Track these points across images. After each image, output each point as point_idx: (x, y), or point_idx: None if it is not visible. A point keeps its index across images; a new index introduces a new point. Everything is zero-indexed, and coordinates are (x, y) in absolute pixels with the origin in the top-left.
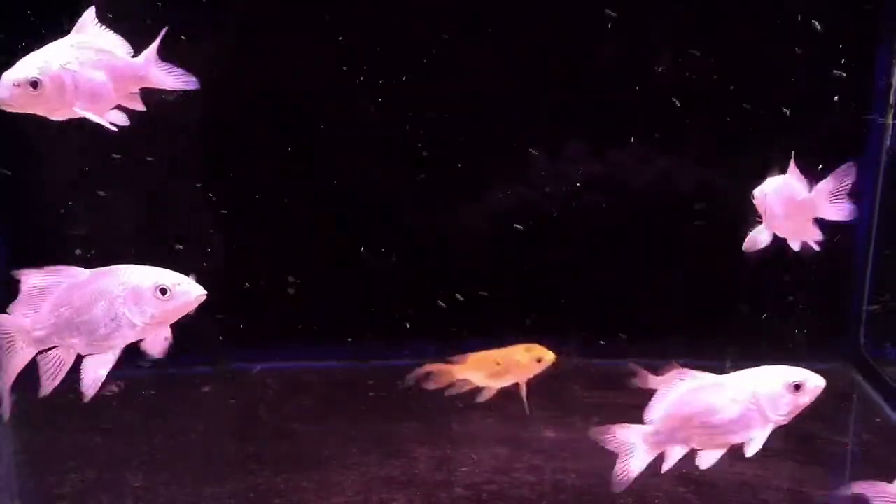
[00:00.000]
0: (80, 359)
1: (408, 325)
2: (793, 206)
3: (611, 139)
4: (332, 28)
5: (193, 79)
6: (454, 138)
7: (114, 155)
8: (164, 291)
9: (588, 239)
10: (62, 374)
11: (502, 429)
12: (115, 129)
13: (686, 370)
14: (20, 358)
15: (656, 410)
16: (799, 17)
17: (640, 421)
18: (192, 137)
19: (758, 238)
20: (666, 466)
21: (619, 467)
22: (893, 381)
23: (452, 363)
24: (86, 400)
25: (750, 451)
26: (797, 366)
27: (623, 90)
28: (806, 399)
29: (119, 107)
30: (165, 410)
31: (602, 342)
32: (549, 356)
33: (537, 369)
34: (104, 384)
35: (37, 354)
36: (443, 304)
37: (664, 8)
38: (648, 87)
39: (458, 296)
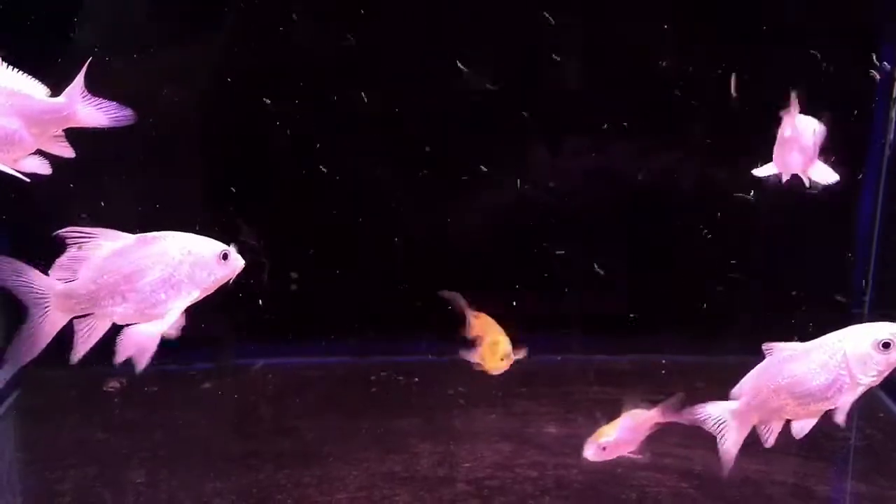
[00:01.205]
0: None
1: (409, 321)
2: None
3: (611, 135)
4: (332, 26)
5: (128, 111)
6: (454, 135)
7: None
8: (225, 257)
9: (589, 234)
10: (93, 343)
11: (504, 424)
12: (27, 180)
13: (772, 344)
14: (53, 324)
15: (745, 384)
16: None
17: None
18: (189, 133)
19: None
20: (770, 442)
21: (721, 447)
22: None
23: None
24: (138, 371)
25: (839, 418)
26: None
27: (614, 85)
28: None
29: (40, 152)
30: (167, 406)
31: (604, 338)
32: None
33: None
34: (106, 381)
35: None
36: (444, 302)
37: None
38: (645, 83)
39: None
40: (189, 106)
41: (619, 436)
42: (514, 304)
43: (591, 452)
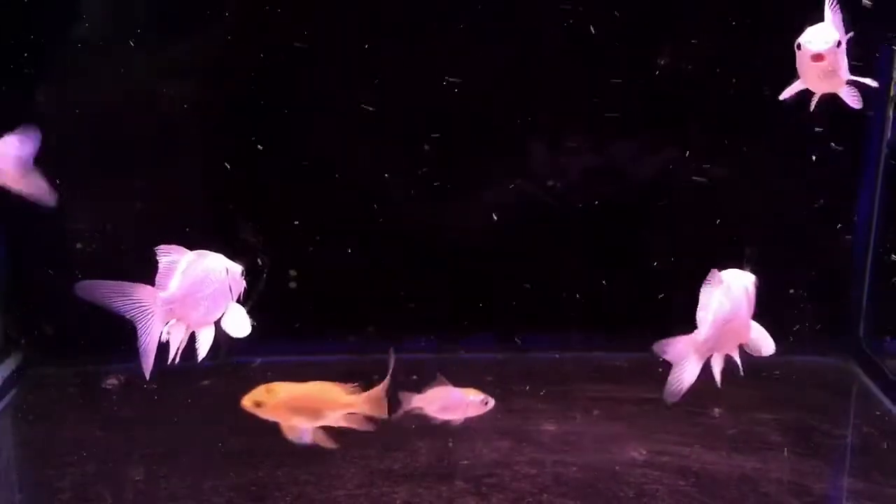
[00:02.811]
0: None
1: (409, 319)
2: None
3: (611, 133)
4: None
5: None
6: (453, 132)
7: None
8: (244, 274)
9: (585, 233)
10: (176, 345)
11: (503, 422)
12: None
13: (715, 273)
14: (157, 327)
15: (704, 318)
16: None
17: (639, 415)
18: (189, 134)
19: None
20: (718, 378)
21: (673, 378)
22: (893, 373)
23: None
24: (199, 360)
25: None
26: (799, 358)
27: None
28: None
29: None
30: (165, 404)
31: (603, 336)
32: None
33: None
34: (104, 378)
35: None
36: (443, 299)
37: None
38: (645, 80)
39: (459, 290)
40: (188, 102)
41: None
42: (514, 299)
43: None
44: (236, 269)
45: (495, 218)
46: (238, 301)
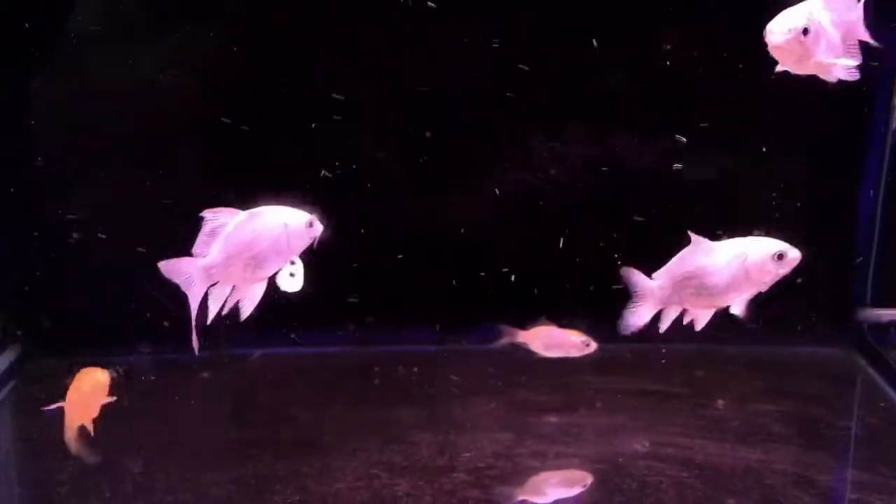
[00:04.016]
0: None
1: (409, 311)
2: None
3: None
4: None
5: None
6: (454, 126)
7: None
8: (310, 225)
9: (587, 223)
10: (219, 306)
11: (504, 414)
12: None
13: (697, 237)
14: (197, 293)
15: (664, 269)
16: None
17: (642, 407)
18: (189, 126)
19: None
20: (663, 327)
21: (628, 311)
22: None
23: None
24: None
25: (737, 310)
26: (803, 349)
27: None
28: (786, 269)
29: None
30: (165, 396)
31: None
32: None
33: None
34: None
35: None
36: (444, 289)
37: None
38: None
39: (455, 281)
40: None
41: None
42: (515, 290)
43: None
44: (299, 221)
45: (497, 209)
46: (310, 251)
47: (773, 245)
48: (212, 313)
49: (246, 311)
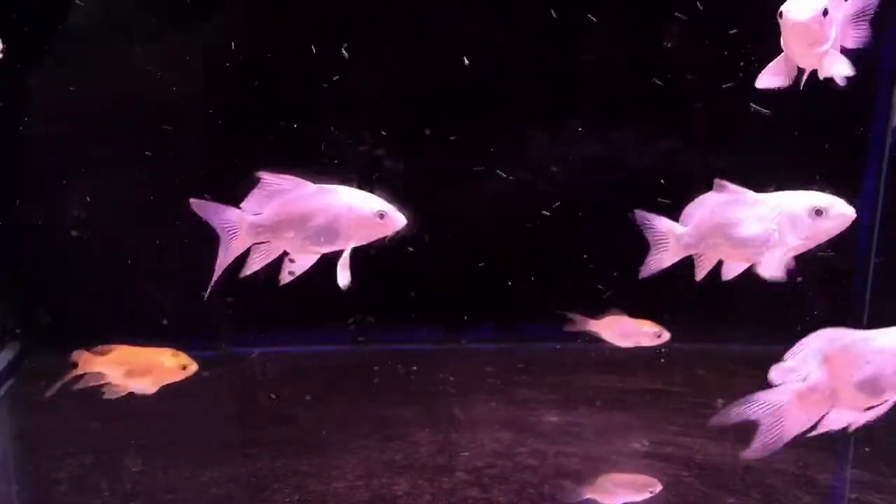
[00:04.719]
0: None
1: (408, 310)
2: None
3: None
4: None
5: None
6: (454, 121)
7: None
8: (381, 216)
9: (584, 223)
10: (262, 265)
11: (504, 413)
12: None
13: (724, 182)
14: (237, 247)
15: (691, 216)
16: None
17: (642, 406)
18: (190, 120)
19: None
20: (699, 276)
21: (651, 257)
22: None
23: (96, 353)
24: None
25: (763, 270)
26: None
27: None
28: (828, 224)
29: None
30: (164, 395)
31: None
32: (193, 367)
33: (178, 376)
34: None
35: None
36: (445, 288)
37: None
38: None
39: (461, 281)
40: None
41: None
42: (515, 289)
43: None
44: (367, 208)
45: (492, 209)
46: (384, 243)
47: (813, 198)
48: (249, 270)
49: (285, 278)
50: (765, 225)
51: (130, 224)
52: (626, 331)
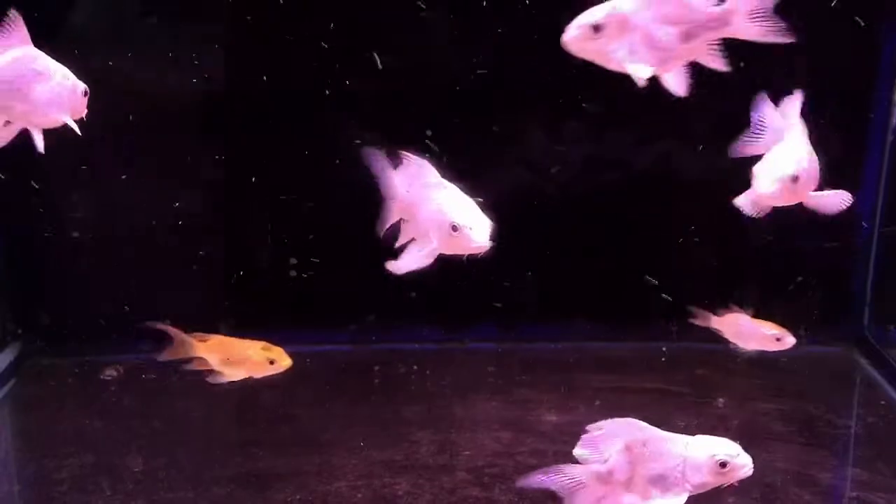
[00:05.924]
0: None
1: (410, 309)
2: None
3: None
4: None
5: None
6: (455, 123)
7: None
8: (455, 228)
9: (587, 222)
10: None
11: (505, 413)
12: None
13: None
14: (389, 216)
15: (611, 453)
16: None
17: (643, 406)
18: (191, 130)
19: None
20: None
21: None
22: None
23: (196, 338)
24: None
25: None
26: (804, 348)
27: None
28: (726, 479)
29: None
30: (164, 394)
31: (604, 325)
32: (286, 361)
33: (268, 370)
34: (103, 368)
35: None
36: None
37: None
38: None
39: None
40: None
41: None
42: (516, 288)
43: None
44: (451, 220)
45: (500, 206)
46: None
47: (716, 447)
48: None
49: (406, 266)
50: (668, 466)
51: (130, 224)
52: (746, 331)
